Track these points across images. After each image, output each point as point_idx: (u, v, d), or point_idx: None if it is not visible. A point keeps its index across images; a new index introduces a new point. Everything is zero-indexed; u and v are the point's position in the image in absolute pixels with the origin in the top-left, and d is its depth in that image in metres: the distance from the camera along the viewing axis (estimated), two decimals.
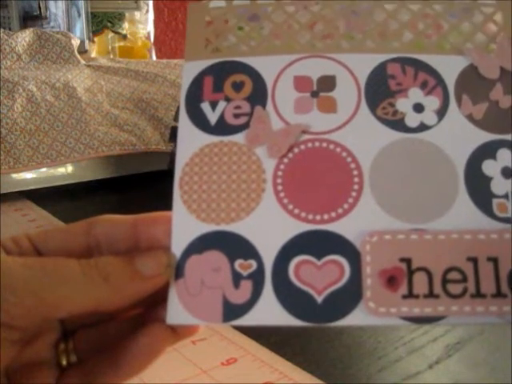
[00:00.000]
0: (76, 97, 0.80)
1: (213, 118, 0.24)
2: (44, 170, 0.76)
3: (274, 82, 0.24)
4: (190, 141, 0.24)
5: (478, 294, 0.21)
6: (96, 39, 1.21)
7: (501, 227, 0.22)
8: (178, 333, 0.23)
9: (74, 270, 0.20)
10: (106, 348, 0.23)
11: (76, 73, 0.85)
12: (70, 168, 0.79)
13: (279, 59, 0.25)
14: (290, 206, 0.23)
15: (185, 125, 0.24)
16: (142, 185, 0.82)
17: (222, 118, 0.24)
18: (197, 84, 0.25)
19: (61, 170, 0.78)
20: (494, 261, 0.21)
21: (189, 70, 0.25)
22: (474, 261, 0.21)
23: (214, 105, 0.24)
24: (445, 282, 0.21)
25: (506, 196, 0.23)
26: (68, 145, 0.77)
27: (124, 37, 1.25)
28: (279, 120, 0.24)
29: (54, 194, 0.77)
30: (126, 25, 1.26)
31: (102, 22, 1.22)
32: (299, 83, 0.24)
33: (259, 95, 0.24)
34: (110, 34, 1.24)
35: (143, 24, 1.29)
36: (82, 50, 1.02)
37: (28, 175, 0.75)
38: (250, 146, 0.24)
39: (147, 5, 1.30)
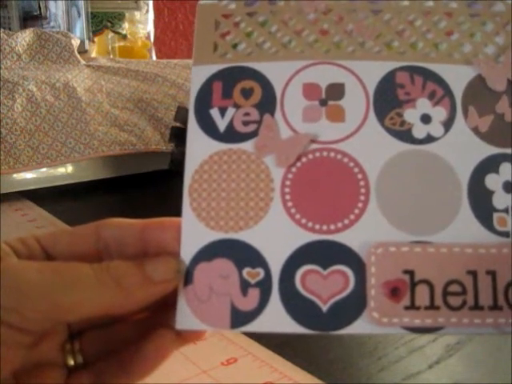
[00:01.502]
0: (76, 97, 0.80)
1: (222, 124, 0.24)
2: (44, 169, 0.76)
3: (283, 89, 0.24)
4: (200, 147, 0.24)
5: (476, 307, 0.22)
6: (96, 39, 1.21)
7: (500, 241, 0.22)
8: (184, 337, 0.23)
9: (88, 275, 0.20)
10: (113, 350, 0.24)
11: (76, 73, 0.85)
12: (69, 168, 0.79)
13: (289, 65, 0.25)
14: (298, 216, 0.23)
15: (194, 131, 0.24)
16: (142, 185, 0.82)
17: (231, 125, 0.24)
18: (206, 89, 0.25)
19: (61, 170, 0.78)
20: (493, 274, 0.22)
21: (197, 74, 0.25)
22: (474, 274, 0.22)
23: (223, 111, 0.24)
24: (445, 294, 0.22)
25: (506, 210, 0.23)
26: (68, 145, 0.77)
27: (124, 37, 1.25)
28: (288, 128, 0.24)
29: (54, 194, 0.77)
30: (125, 25, 1.26)
31: (101, 22, 1.22)
32: (308, 91, 0.24)
33: (268, 102, 0.24)
34: (110, 34, 1.24)
35: (143, 24, 1.29)
36: (82, 50, 1.02)
37: (28, 175, 0.75)
38: (258, 155, 0.24)
39: (147, 5, 1.30)
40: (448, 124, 0.24)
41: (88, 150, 0.78)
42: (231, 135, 0.24)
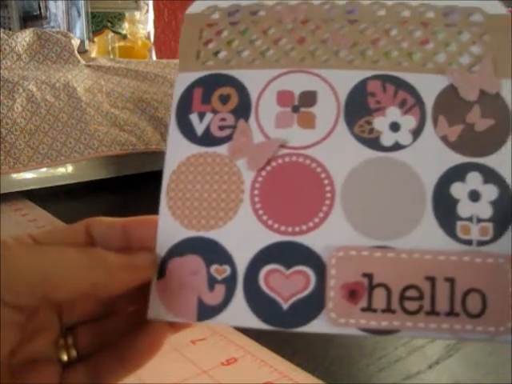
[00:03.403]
0: (76, 97, 0.80)
1: (200, 128, 0.25)
2: (44, 169, 0.76)
3: (259, 96, 0.25)
4: (178, 150, 0.25)
5: (433, 312, 0.22)
6: (96, 39, 1.21)
7: (462, 249, 0.23)
8: (175, 326, 0.25)
9: (73, 255, 0.22)
10: (108, 345, 0.25)
11: (76, 73, 0.86)
12: (69, 168, 0.79)
13: (265, 73, 0.26)
14: (265, 217, 0.24)
15: (174, 134, 0.26)
16: (142, 185, 0.82)
17: (208, 129, 0.25)
18: (187, 95, 0.26)
19: (61, 170, 0.79)
20: (451, 281, 0.22)
21: (180, 81, 0.26)
22: (432, 280, 0.22)
23: (201, 116, 0.26)
24: (402, 298, 0.22)
25: (470, 219, 0.23)
26: (68, 145, 0.77)
27: (124, 37, 1.25)
28: (260, 134, 0.25)
29: (54, 193, 0.77)
30: (125, 25, 1.26)
31: (101, 22, 1.22)
32: (282, 98, 0.25)
33: (244, 108, 0.25)
34: (110, 34, 1.24)
35: (143, 24, 1.29)
36: (82, 50, 1.02)
37: (28, 175, 0.75)
38: (231, 158, 0.25)
39: (147, 5, 1.30)
40: (417, 132, 0.24)
41: (88, 150, 0.78)
42: (208, 139, 0.25)
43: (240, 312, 0.23)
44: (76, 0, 1.17)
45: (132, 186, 0.81)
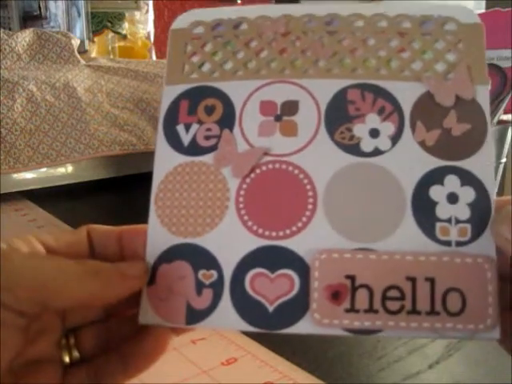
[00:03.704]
0: (76, 97, 0.80)
1: (186, 139, 0.26)
2: (44, 169, 0.76)
3: (242, 106, 0.26)
4: (165, 160, 0.26)
5: (414, 311, 0.23)
6: (96, 39, 1.21)
7: (441, 250, 0.23)
8: (176, 329, 0.25)
9: (70, 266, 0.23)
10: (111, 346, 0.26)
11: (76, 73, 0.86)
12: (70, 168, 0.79)
13: (248, 84, 0.27)
14: (250, 223, 0.25)
15: (162, 144, 0.27)
16: (142, 185, 0.81)
17: (194, 139, 0.26)
18: (174, 107, 0.27)
19: (61, 170, 0.78)
20: (431, 281, 0.23)
21: (167, 93, 0.27)
22: (413, 280, 0.23)
23: (187, 127, 0.27)
24: (384, 298, 0.23)
25: (449, 220, 0.24)
26: (68, 145, 0.77)
27: (124, 37, 1.25)
28: (244, 142, 0.26)
29: (54, 194, 0.77)
30: (126, 25, 1.26)
31: (101, 22, 1.22)
32: (264, 107, 0.26)
33: (228, 119, 0.26)
34: (110, 34, 1.24)
35: (143, 24, 1.29)
36: (82, 50, 1.02)
37: (28, 175, 0.75)
38: (217, 166, 0.26)
39: (147, 5, 1.30)
40: (395, 138, 0.25)
41: (88, 150, 0.78)
42: (194, 149, 0.26)
43: (227, 315, 0.24)
44: (76, 0, 1.17)
45: (132, 186, 0.81)
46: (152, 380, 0.32)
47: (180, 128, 0.27)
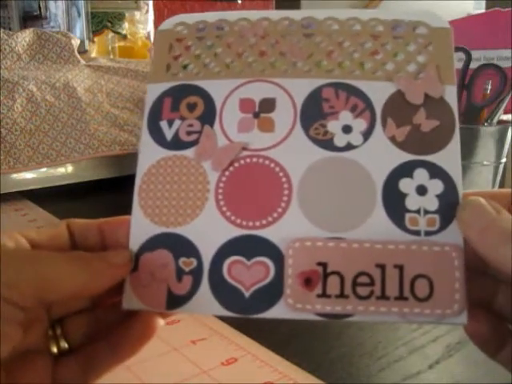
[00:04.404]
0: (76, 97, 0.80)
1: (169, 134, 0.28)
2: (44, 169, 0.76)
3: (223, 104, 0.28)
4: (149, 154, 0.28)
5: (383, 297, 0.24)
6: (96, 39, 1.21)
7: (410, 239, 0.25)
8: (162, 313, 0.26)
9: (65, 259, 0.24)
10: (98, 335, 0.26)
11: (76, 73, 0.86)
12: (69, 168, 0.79)
13: (229, 83, 0.28)
14: (228, 213, 0.26)
15: (146, 139, 0.28)
16: None
17: (176, 134, 0.28)
18: (158, 104, 0.28)
19: (61, 170, 0.78)
20: (400, 268, 0.24)
21: (151, 91, 0.29)
22: (382, 267, 0.24)
23: (170, 123, 0.28)
24: (354, 284, 0.24)
25: (418, 211, 0.25)
26: (68, 145, 0.77)
27: (124, 37, 1.25)
28: (224, 138, 0.27)
29: (54, 194, 0.77)
30: (126, 25, 1.26)
31: (101, 22, 1.22)
32: (244, 105, 0.28)
33: (209, 115, 0.28)
34: (110, 34, 1.24)
35: (143, 24, 1.29)
36: (82, 50, 1.02)
37: (28, 175, 0.75)
38: (198, 160, 0.27)
39: (147, 5, 1.30)
40: (367, 134, 0.26)
41: (88, 150, 0.78)
42: (176, 143, 0.28)
43: (205, 301, 0.25)
44: (76, 0, 1.16)
45: (132, 186, 0.81)
46: (152, 380, 0.32)
47: (163, 124, 0.28)
